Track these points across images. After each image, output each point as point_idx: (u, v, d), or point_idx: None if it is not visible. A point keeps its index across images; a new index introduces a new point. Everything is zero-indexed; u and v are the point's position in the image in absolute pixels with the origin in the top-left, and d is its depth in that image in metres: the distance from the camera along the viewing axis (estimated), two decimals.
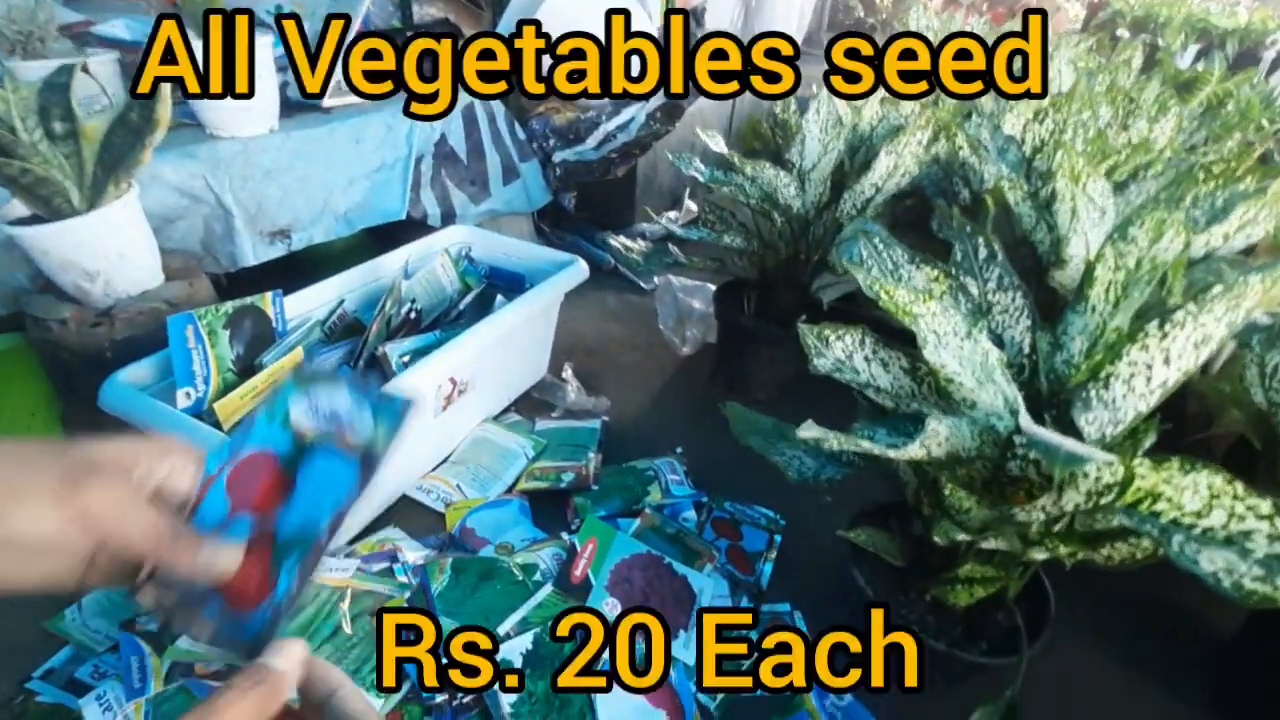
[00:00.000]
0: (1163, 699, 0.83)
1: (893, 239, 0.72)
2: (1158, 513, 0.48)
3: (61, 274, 0.86)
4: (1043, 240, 0.89)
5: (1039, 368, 0.65)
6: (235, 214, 1.05)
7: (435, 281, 1.17)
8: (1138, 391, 0.55)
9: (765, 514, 1.03)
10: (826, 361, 0.64)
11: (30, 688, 0.74)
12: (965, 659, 0.64)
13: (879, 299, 0.60)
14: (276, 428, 0.36)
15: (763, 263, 1.20)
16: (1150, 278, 0.55)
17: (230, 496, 0.34)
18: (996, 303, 0.68)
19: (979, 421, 0.57)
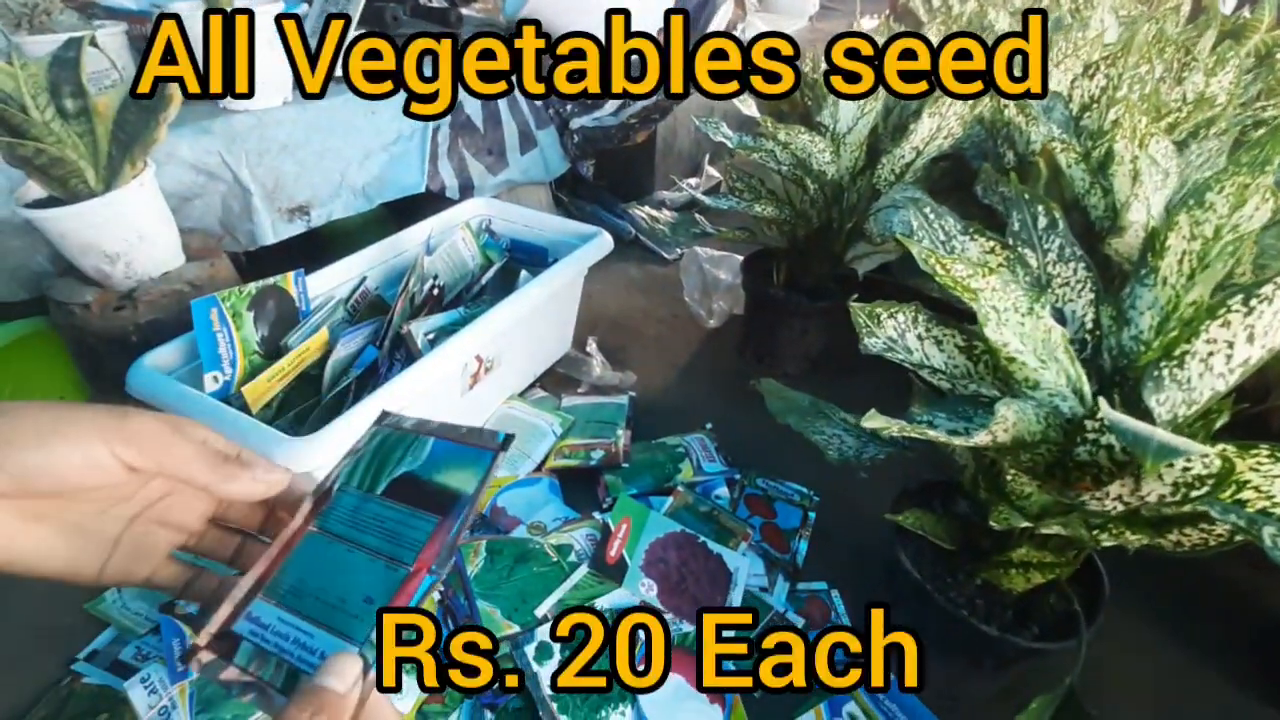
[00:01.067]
0: (1212, 681, 0.81)
1: (944, 209, 0.68)
2: (1243, 501, 0.45)
3: (82, 257, 0.85)
4: (1096, 205, 0.85)
5: (1102, 344, 0.62)
6: (253, 190, 1.02)
7: (457, 256, 1.14)
8: (1216, 371, 0.52)
9: (799, 490, 1.01)
10: (878, 341, 0.61)
11: (76, 669, 0.75)
12: (1018, 644, 0.63)
13: (934, 274, 0.57)
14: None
15: (794, 232, 1.16)
16: (1234, 248, 0.51)
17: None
18: (1057, 275, 0.64)
19: (1044, 404, 0.54)
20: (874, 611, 0.78)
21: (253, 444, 0.72)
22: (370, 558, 0.32)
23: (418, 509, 0.34)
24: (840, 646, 0.77)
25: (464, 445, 0.36)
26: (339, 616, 0.31)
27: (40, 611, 0.81)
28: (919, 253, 0.58)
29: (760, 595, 0.86)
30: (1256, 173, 0.55)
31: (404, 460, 0.37)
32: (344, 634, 0.30)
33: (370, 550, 0.33)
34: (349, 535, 0.34)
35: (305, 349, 0.88)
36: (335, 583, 0.32)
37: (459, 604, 0.78)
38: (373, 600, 0.31)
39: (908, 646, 0.73)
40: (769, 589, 0.87)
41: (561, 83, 1.44)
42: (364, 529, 0.34)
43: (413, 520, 0.34)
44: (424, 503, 0.34)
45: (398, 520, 0.34)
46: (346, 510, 0.35)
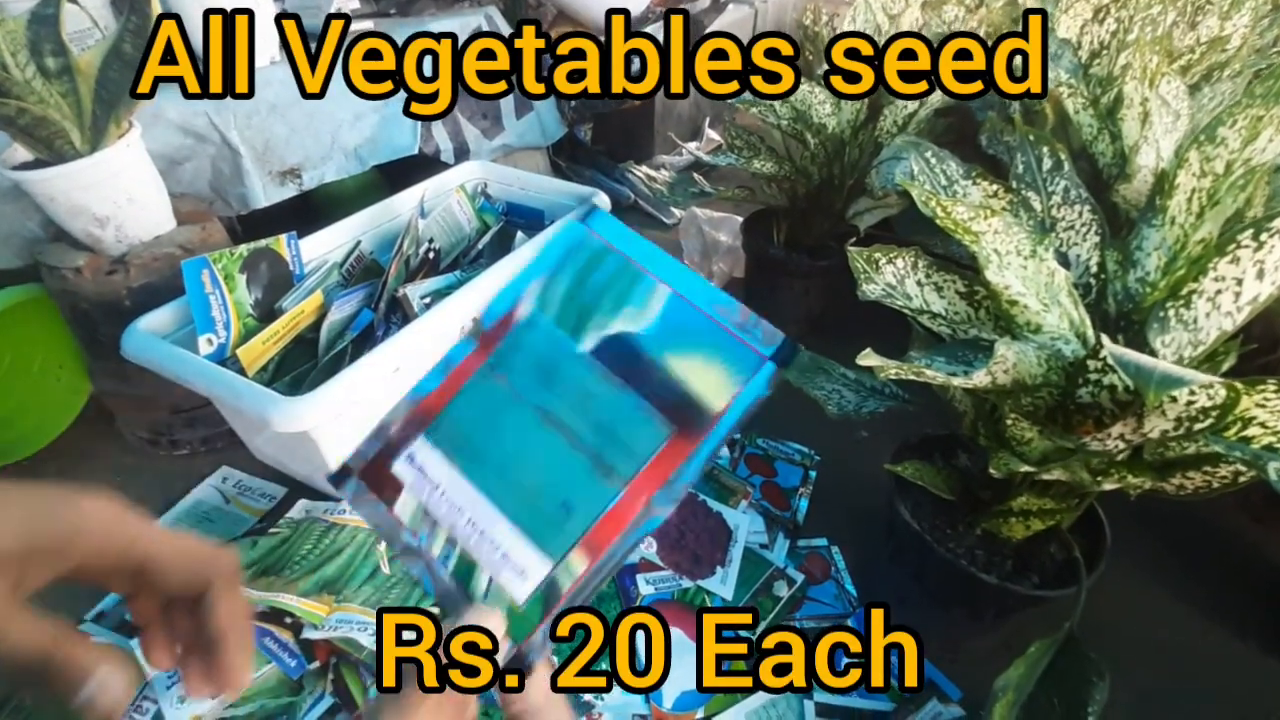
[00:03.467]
0: (1214, 631, 0.81)
1: (945, 152, 0.67)
2: (1249, 438, 0.44)
3: (71, 221, 0.84)
4: (1104, 152, 0.82)
5: (1107, 288, 0.60)
6: (243, 153, 1.00)
7: (452, 219, 1.13)
8: (1223, 309, 0.50)
9: (800, 450, 1.01)
10: (876, 287, 0.60)
11: (84, 630, 0.76)
12: (1018, 592, 0.62)
13: (935, 216, 0.55)
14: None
15: (794, 189, 1.13)
16: (1245, 182, 0.50)
17: None
18: (1061, 218, 0.63)
19: (1045, 347, 0.53)
20: (874, 612, 0.77)
21: (249, 405, 0.71)
22: (570, 445, 0.24)
23: (644, 398, 0.24)
24: (841, 647, 0.76)
25: (720, 328, 0.24)
26: (528, 511, 0.23)
27: None
28: (919, 195, 0.56)
29: (760, 552, 0.86)
30: (1271, 104, 0.53)
31: (623, 308, 0.25)
32: (536, 539, 0.23)
33: (570, 434, 0.24)
34: (539, 397, 0.24)
35: (300, 311, 0.87)
36: (522, 459, 0.24)
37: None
38: (571, 509, 0.23)
39: (908, 646, 0.72)
40: (769, 546, 0.87)
41: (562, 83, 1.44)
42: (561, 394, 0.24)
43: (636, 416, 0.24)
44: (653, 393, 0.24)
45: (612, 403, 0.24)
46: (535, 353, 0.25)
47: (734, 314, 0.24)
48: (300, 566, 0.76)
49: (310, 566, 0.76)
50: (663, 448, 0.23)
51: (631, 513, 0.23)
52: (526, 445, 0.24)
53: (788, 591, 0.81)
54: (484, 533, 0.24)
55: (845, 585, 0.83)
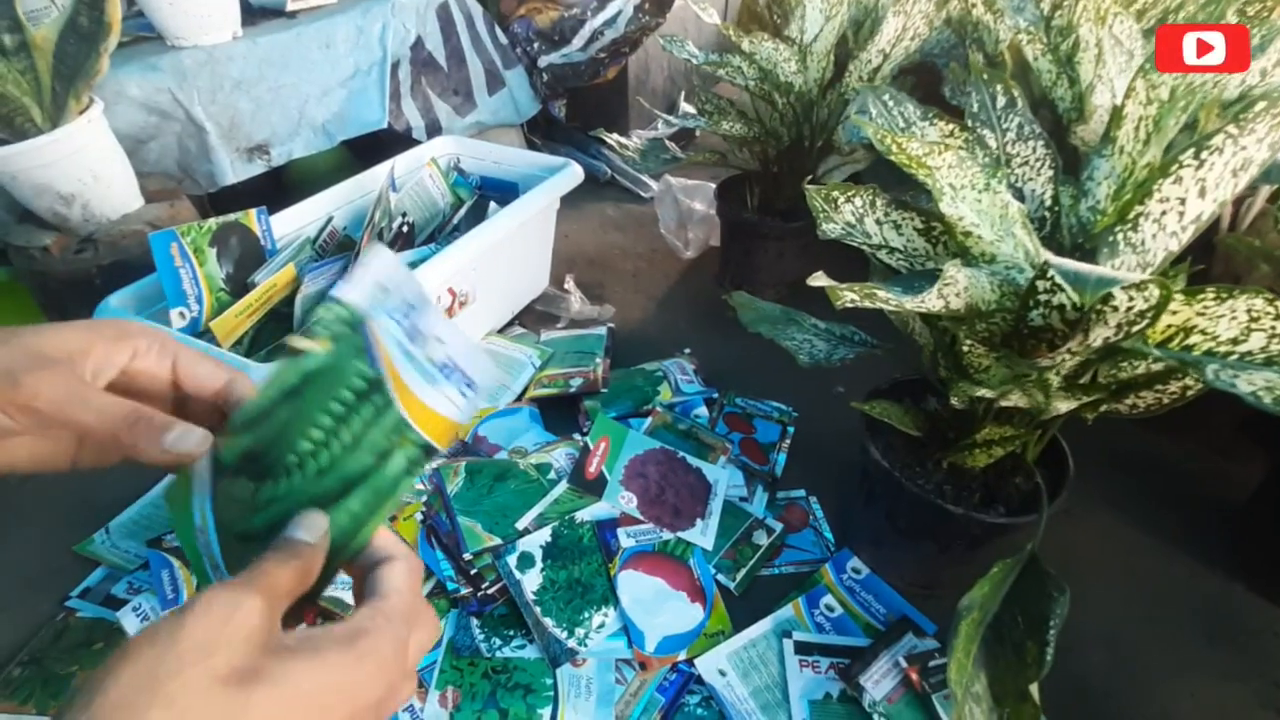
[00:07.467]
0: (1180, 561, 0.83)
1: (903, 95, 0.67)
2: (1190, 346, 0.46)
3: (36, 200, 0.83)
4: (1064, 97, 0.83)
5: (1061, 219, 0.61)
6: (209, 129, 1.00)
7: (425, 194, 1.13)
8: (1169, 230, 0.52)
9: (778, 407, 1.02)
10: (835, 226, 0.61)
11: (70, 605, 0.76)
12: (984, 521, 0.64)
13: (889, 152, 0.56)
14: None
15: (765, 152, 1.14)
16: (1187, 103, 0.51)
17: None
18: (1016, 154, 0.64)
19: (999, 274, 0.54)
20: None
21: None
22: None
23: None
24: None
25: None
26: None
27: (30, 558, 0.81)
28: (874, 132, 0.57)
29: (740, 505, 0.87)
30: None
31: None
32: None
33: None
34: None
35: (272, 284, 0.87)
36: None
37: (440, 521, 0.79)
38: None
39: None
40: (749, 499, 0.88)
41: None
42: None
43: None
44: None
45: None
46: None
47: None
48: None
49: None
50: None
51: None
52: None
53: (767, 540, 0.83)
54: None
55: (824, 532, 0.85)
